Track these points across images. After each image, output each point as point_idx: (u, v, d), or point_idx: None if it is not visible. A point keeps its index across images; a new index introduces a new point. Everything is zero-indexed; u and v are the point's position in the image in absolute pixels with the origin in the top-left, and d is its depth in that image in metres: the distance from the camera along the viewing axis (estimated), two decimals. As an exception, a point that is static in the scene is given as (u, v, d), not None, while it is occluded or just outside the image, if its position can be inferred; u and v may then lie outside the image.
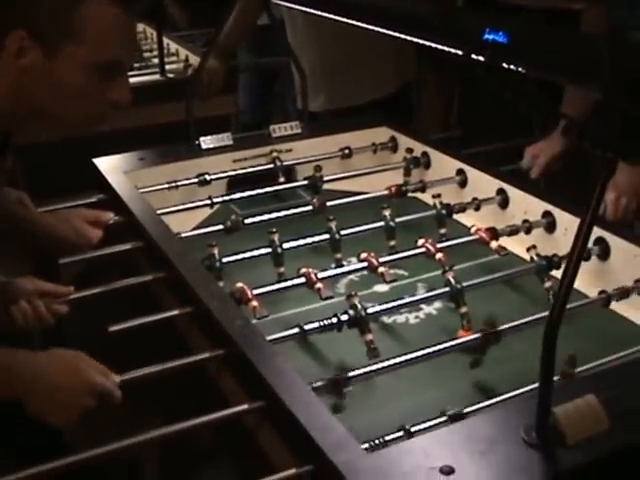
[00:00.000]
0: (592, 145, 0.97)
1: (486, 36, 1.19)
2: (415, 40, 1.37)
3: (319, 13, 1.72)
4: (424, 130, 2.88)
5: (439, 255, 1.76)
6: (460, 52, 1.24)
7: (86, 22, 1.33)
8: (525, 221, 1.90)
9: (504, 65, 1.15)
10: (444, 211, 1.96)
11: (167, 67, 3.14)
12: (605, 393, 1.15)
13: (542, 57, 1.16)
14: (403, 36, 1.39)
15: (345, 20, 1.59)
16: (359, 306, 1.50)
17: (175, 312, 1.56)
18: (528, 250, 1.76)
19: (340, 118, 2.79)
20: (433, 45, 1.31)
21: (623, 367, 1.38)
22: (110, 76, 1.40)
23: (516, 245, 1.90)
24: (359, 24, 1.54)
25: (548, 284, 1.70)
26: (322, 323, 1.48)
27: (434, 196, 2.00)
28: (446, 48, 1.27)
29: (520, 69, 1.14)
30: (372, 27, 1.49)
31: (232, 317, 1.45)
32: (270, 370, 1.30)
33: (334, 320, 1.48)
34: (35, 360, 1.35)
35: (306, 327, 1.47)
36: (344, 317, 1.49)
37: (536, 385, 1.09)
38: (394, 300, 1.58)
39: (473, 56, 1.17)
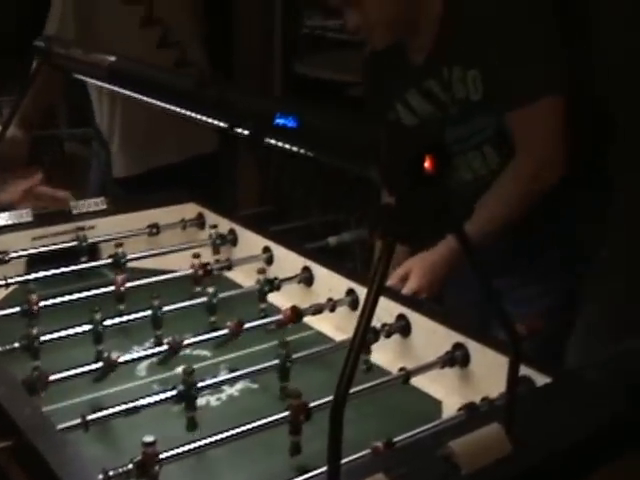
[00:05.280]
0: (371, 228, 0.99)
1: (277, 120, 1.20)
2: (183, 112, 1.37)
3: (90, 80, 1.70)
4: (239, 204, 2.90)
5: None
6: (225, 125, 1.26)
7: None
8: (330, 299, 1.92)
9: (264, 138, 1.18)
10: (267, 287, 1.97)
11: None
12: (397, 470, 1.15)
13: (329, 141, 1.18)
14: (170, 107, 1.40)
15: (115, 89, 1.58)
16: (190, 381, 1.48)
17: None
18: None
19: (149, 184, 2.81)
20: (198, 117, 1.33)
21: (417, 443, 1.39)
22: None
23: (322, 323, 1.92)
24: (128, 93, 1.54)
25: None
26: (152, 400, 1.45)
27: (259, 271, 2.01)
28: (212, 120, 1.29)
29: (303, 151, 1.16)
30: (140, 97, 1.49)
31: (21, 405, 1.39)
32: (58, 460, 1.25)
33: (163, 396, 1.46)
34: None
35: (139, 403, 1.44)
36: (173, 392, 1.47)
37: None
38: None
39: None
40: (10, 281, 1.99)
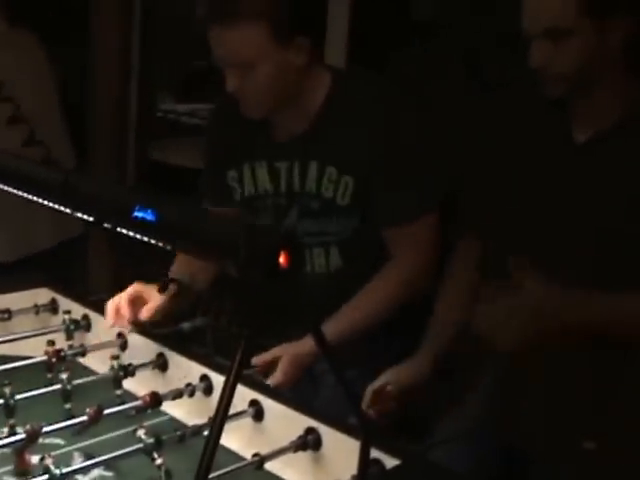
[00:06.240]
0: (229, 322, 1.03)
1: (135, 214, 1.24)
2: (48, 204, 1.41)
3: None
4: (92, 290, 2.89)
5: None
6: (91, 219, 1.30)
7: None
8: (188, 384, 1.94)
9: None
10: (122, 373, 1.96)
11: None
12: None
13: (187, 235, 1.23)
14: (31, 197, 1.43)
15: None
16: (52, 467, 1.49)
17: None
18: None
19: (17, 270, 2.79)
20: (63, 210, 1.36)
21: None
22: None
23: (176, 408, 1.94)
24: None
25: (159, 461, 1.65)
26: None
27: (112, 357, 2.00)
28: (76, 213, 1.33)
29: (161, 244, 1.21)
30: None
31: None
32: None
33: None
34: None
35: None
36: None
37: None
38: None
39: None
40: None
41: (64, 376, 1.89)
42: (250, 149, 2.21)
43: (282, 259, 1.08)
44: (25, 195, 1.43)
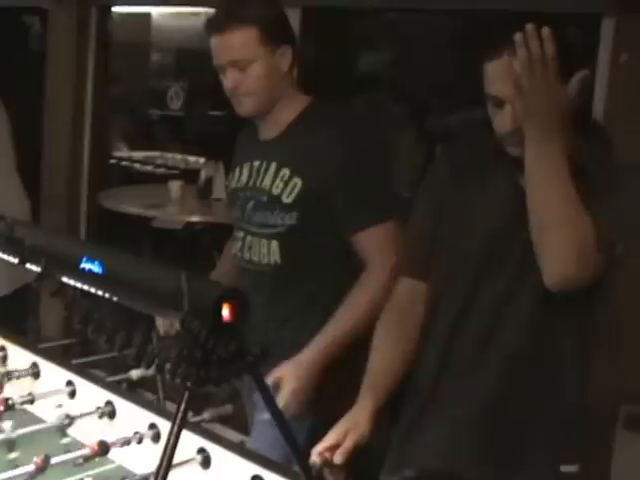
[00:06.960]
0: (172, 374, 1.06)
1: (82, 265, 1.27)
2: None
3: None
4: (44, 334, 2.88)
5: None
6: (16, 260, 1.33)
7: None
8: (137, 432, 1.94)
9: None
10: (67, 421, 1.96)
11: None
12: None
13: (132, 287, 1.26)
14: None
15: None
16: None
17: None
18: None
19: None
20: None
21: None
22: None
23: (124, 456, 1.93)
24: None
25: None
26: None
27: (57, 406, 2.01)
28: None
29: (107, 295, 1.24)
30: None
31: None
32: None
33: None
34: None
35: None
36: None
37: None
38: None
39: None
40: None
41: (7, 425, 1.89)
42: (245, 153, 2.60)
43: (226, 312, 1.11)
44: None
